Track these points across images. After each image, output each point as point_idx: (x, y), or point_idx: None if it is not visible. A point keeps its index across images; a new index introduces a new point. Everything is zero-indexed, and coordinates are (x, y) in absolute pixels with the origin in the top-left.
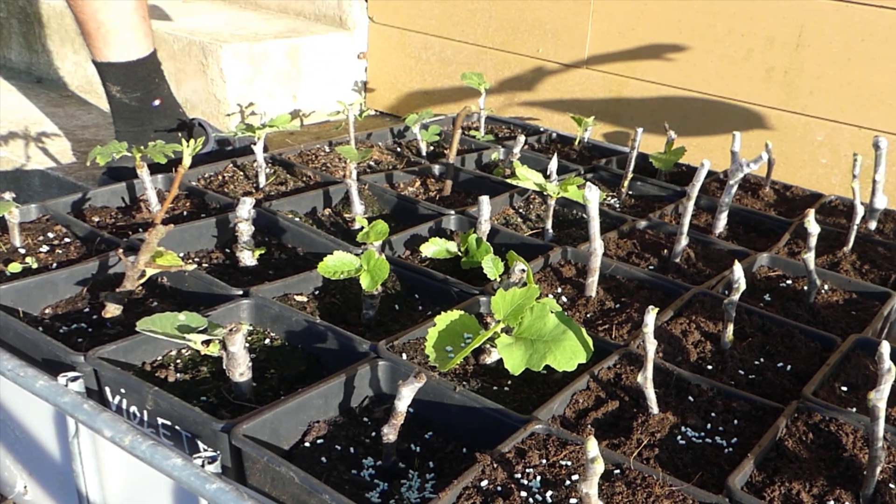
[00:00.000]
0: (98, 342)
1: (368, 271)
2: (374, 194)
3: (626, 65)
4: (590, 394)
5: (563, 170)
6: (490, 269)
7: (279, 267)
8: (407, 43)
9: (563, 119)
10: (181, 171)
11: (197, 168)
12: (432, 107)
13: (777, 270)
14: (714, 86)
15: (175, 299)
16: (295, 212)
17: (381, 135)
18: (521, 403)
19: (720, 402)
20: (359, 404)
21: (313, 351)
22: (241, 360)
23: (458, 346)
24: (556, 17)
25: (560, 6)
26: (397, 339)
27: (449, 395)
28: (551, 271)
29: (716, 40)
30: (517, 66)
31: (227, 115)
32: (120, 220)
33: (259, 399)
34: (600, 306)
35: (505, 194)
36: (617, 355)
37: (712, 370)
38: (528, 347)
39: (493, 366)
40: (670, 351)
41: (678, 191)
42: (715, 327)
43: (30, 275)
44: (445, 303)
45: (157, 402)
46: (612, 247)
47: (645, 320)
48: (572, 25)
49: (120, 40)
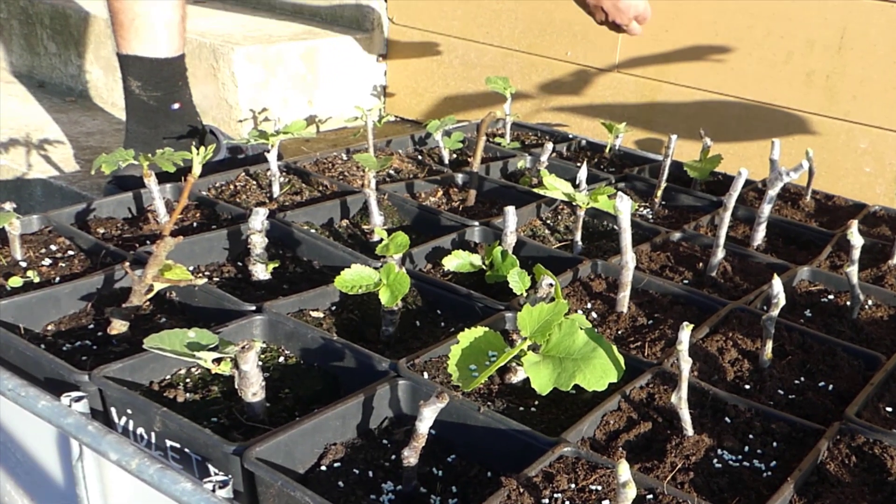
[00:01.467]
0: (103, 360)
1: (388, 286)
2: (394, 204)
3: (659, 68)
4: (621, 415)
5: (592, 179)
6: (516, 283)
7: (294, 281)
8: (428, 45)
9: (593, 125)
10: (191, 181)
11: (207, 177)
12: (455, 112)
13: (818, 285)
14: (752, 90)
15: (184, 315)
16: (311, 223)
17: (402, 142)
18: (548, 425)
19: (758, 423)
20: (378, 426)
21: (330, 370)
22: (253, 380)
23: (482, 365)
24: (585, 18)
25: None
26: (418, 357)
27: (473, 417)
28: (580, 286)
29: (754, 42)
30: (545, 70)
31: (239, 122)
32: (126, 232)
33: (273, 420)
34: (632, 322)
35: (532, 204)
36: (650, 374)
37: (750, 390)
38: (557, 366)
39: (519, 385)
40: (706, 370)
41: (714, 201)
42: (753, 345)
43: (31, 289)
44: (469, 319)
45: (165, 423)
46: (645, 260)
47: (679, 337)
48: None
49: (152, 35)
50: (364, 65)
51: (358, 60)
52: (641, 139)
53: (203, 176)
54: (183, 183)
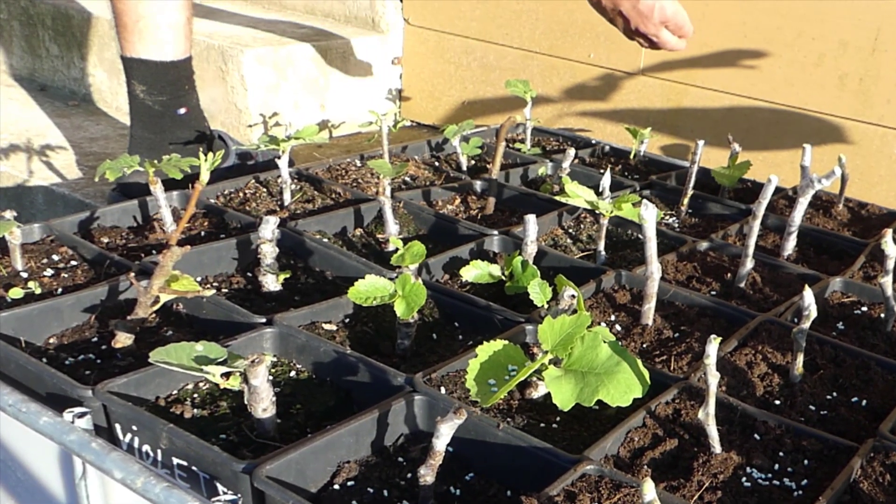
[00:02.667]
0: (107, 375)
1: (404, 297)
2: (410, 213)
3: (685, 72)
4: (646, 431)
5: (616, 186)
6: (537, 294)
7: (306, 292)
8: (446, 47)
9: (616, 130)
10: (199, 188)
11: (216, 184)
12: (473, 117)
13: (851, 296)
14: (782, 94)
15: (192, 328)
16: (323, 232)
17: (418, 148)
18: (570, 442)
19: (789, 440)
20: (393, 443)
21: (343, 384)
22: (264, 395)
23: (501, 380)
24: None
25: None
26: (435, 371)
27: (492, 433)
28: (604, 297)
29: (784, 44)
30: (566, 73)
31: (248, 127)
32: (131, 241)
33: (284, 437)
34: (657, 335)
35: (553, 213)
36: (676, 389)
37: (780, 405)
38: (579, 381)
39: (540, 401)
40: (734, 384)
41: (743, 209)
42: (783, 358)
43: (33, 301)
44: (488, 332)
45: (172, 440)
46: (671, 270)
47: (706, 351)
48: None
49: (157, 37)
50: (379, 67)
51: (372, 63)
52: (667, 145)
53: (211, 183)
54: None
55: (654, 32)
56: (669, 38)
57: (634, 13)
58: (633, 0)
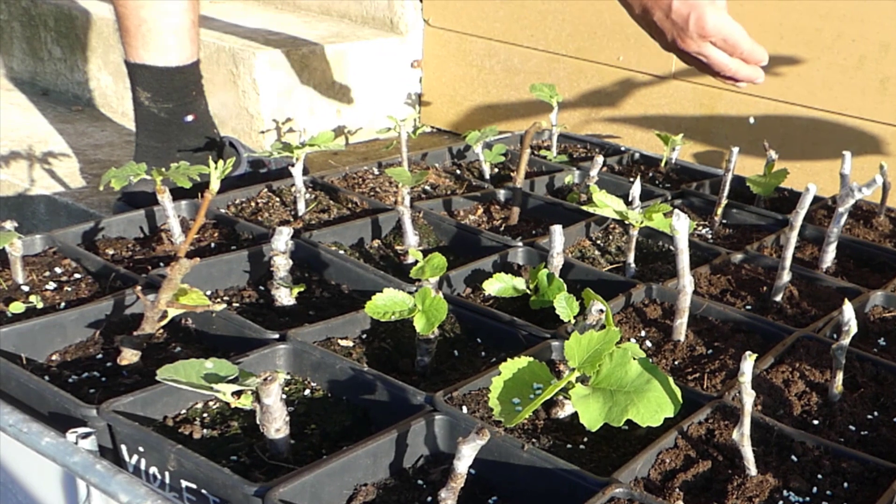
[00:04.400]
0: (113, 393)
1: (423, 312)
2: (430, 223)
3: None
4: (678, 452)
5: (647, 195)
6: (563, 309)
7: (321, 307)
8: (468, 49)
9: (647, 137)
10: (208, 197)
11: (226, 193)
12: (497, 123)
13: (893, 311)
14: (821, 99)
15: (201, 344)
16: (339, 243)
17: (438, 155)
18: (598, 464)
19: (828, 462)
20: (412, 465)
21: (360, 403)
22: (277, 414)
23: (526, 398)
24: None
25: None
26: (457, 389)
27: (516, 455)
28: (634, 312)
29: (823, 46)
30: (594, 77)
31: (260, 133)
32: (138, 253)
33: (298, 459)
34: (690, 352)
35: (580, 223)
36: (709, 408)
37: (819, 425)
38: (607, 399)
39: (566, 420)
40: (770, 403)
41: (779, 219)
42: (822, 376)
43: (34, 316)
44: (512, 348)
45: (180, 461)
46: (704, 283)
47: (741, 368)
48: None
49: (161, 42)
50: (397, 70)
51: (391, 66)
52: (700, 152)
53: (221, 192)
54: (200, 200)
55: (696, 50)
56: (720, 58)
57: (668, 24)
58: (665, 8)
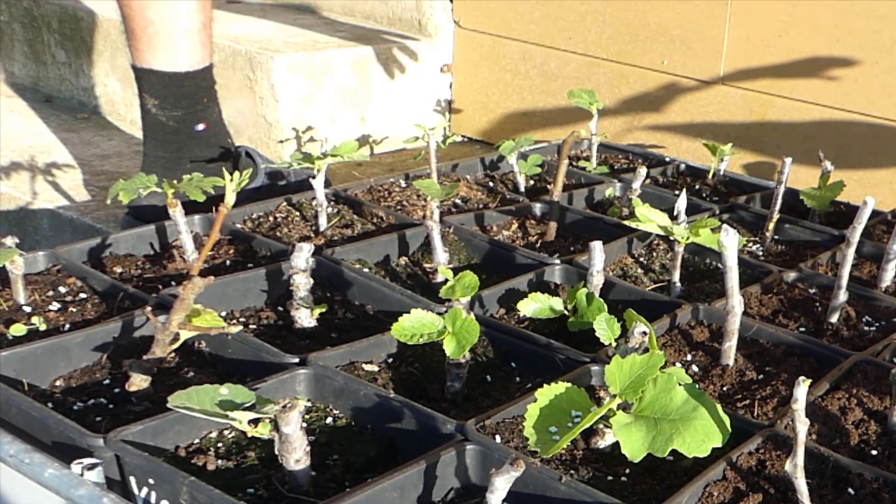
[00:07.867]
0: (121, 422)
1: (454, 334)
2: (461, 239)
3: (771, 80)
4: (727, 485)
5: (693, 209)
6: (604, 331)
7: (344, 329)
8: (501, 53)
9: (693, 147)
10: (223, 211)
11: (243, 207)
12: (532, 132)
13: None
14: (879, 106)
15: (215, 369)
16: (363, 261)
17: (470, 166)
18: (641, 497)
19: (887, 495)
20: (442, 498)
21: (386, 432)
22: (296, 444)
23: (564, 427)
24: (684, 22)
25: (690, 7)
26: (489, 417)
27: (553, 487)
28: (679, 334)
29: (882, 50)
30: (637, 82)
31: (279, 142)
32: (148, 272)
33: (319, 492)
34: (739, 377)
35: (622, 239)
36: (760, 438)
37: (877, 456)
38: (651, 428)
39: (607, 450)
40: (826, 432)
41: (835, 235)
42: (881, 403)
43: (37, 338)
44: (548, 373)
45: (193, 495)
46: (754, 304)
47: (794, 395)
48: (705, 31)
49: (169, 45)
50: (426, 76)
51: (419, 70)
52: (750, 163)
53: (237, 206)
54: (214, 214)
55: None
56: None
57: None
58: None
